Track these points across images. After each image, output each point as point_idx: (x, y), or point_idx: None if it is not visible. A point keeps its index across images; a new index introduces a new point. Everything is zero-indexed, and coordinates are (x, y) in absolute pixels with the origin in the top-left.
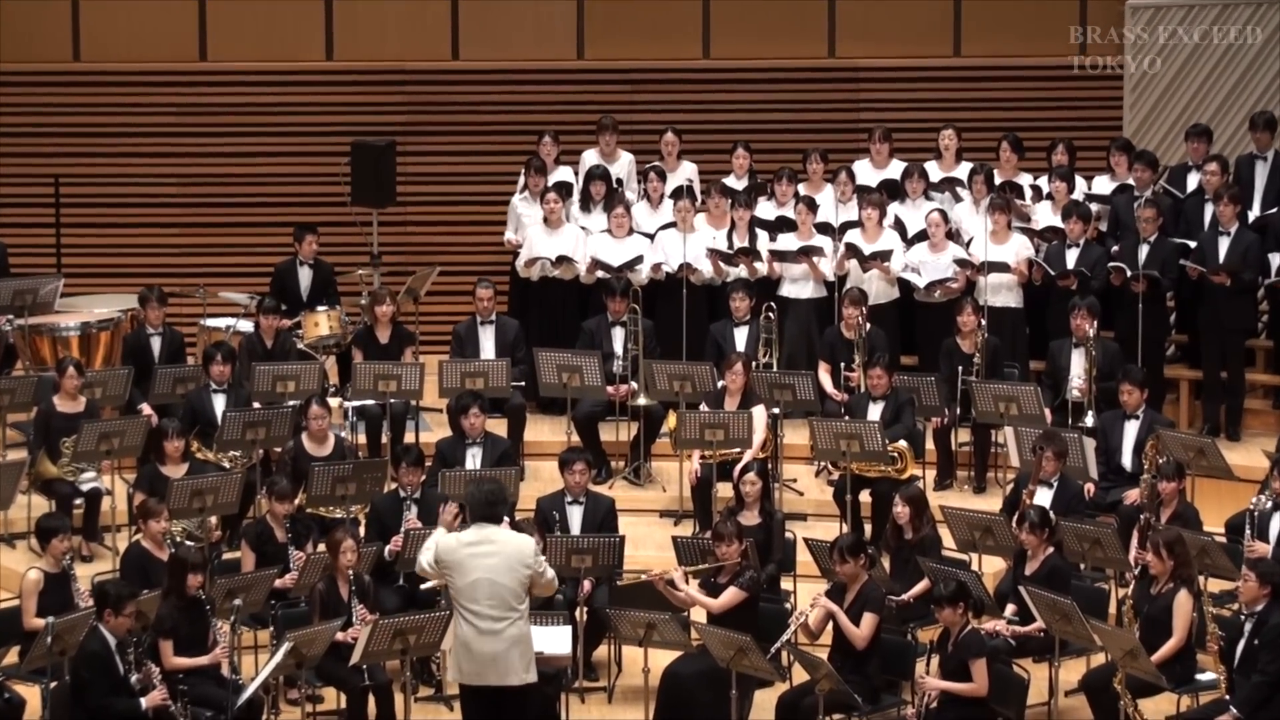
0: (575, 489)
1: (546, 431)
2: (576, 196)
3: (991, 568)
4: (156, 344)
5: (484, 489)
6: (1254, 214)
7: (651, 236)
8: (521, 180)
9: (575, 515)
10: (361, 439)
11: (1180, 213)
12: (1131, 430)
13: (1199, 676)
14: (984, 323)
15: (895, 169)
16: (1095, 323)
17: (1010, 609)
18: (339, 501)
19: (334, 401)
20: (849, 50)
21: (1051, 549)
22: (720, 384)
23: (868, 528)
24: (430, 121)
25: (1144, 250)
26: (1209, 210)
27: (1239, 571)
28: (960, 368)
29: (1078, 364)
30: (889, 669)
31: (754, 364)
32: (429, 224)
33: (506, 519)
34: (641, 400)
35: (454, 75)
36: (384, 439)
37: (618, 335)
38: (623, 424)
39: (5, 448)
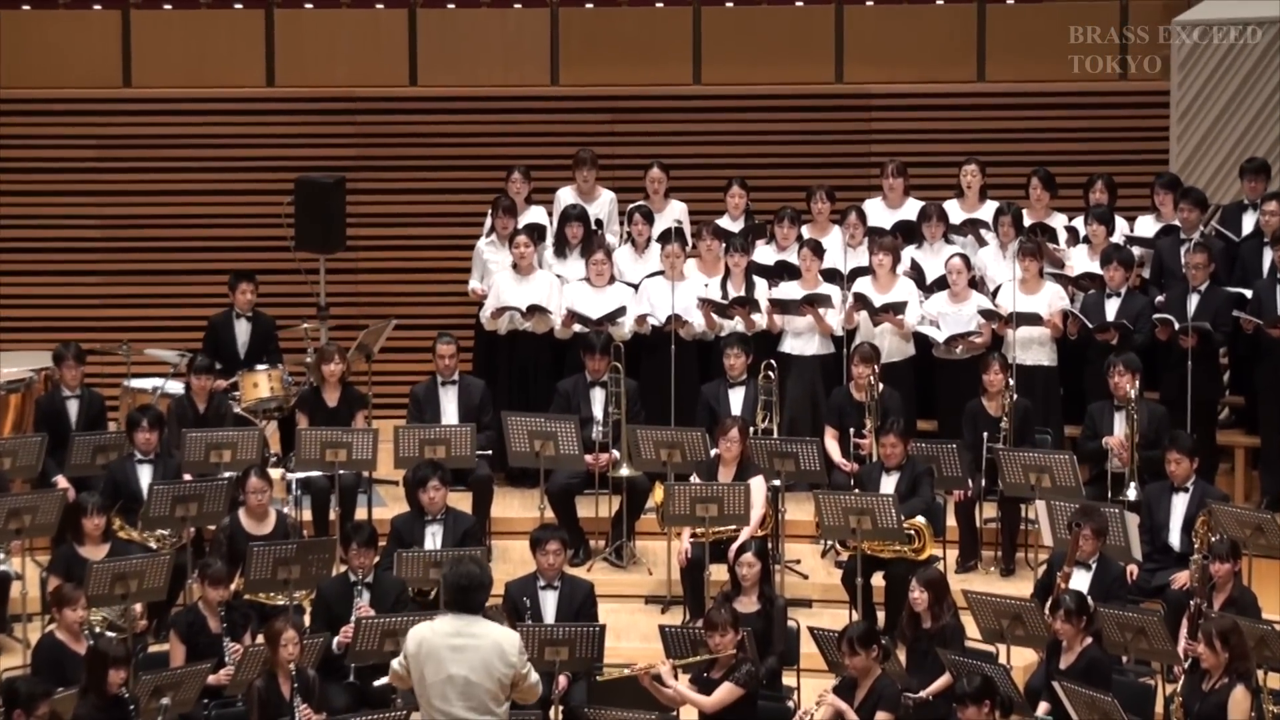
0: (549, 572)
1: (516, 507)
2: (550, 240)
3: (1021, 661)
4: (74, 408)
5: (461, 570)
6: None
7: (635, 285)
8: (488, 222)
9: (549, 602)
10: (307, 515)
11: (1235, 258)
12: (1180, 504)
13: None
14: (1012, 382)
15: (911, 209)
16: (1138, 382)
17: (1043, 708)
18: (281, 587)
19: (275, 473)
20: (859, 74)
21: (1090, 639)
22: (713, 452)
23: (881, 615)
24: (384, 155)
25: (1193, 300)
26: (1267, 255)
27: None
28: (985, 434)
29: (1119, 429)
30: None
31: (752, 430)
32: (383, 271)
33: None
34: (624, 471)
35: (411, 103)
36: (332, 515)
37: (597, 397)
38: (603, 498)
39: None
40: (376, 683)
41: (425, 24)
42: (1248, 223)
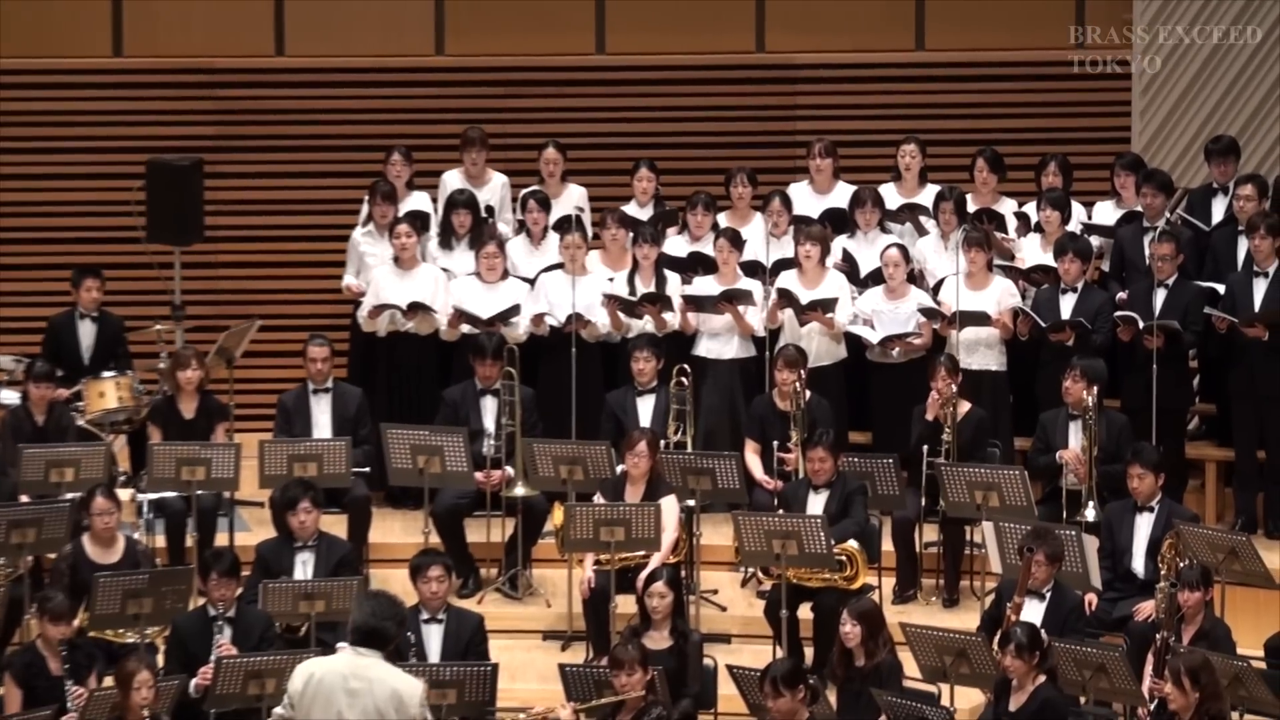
0: (432, 603)
1: (398, 531)
2: (435, 230)
3: (967, 702)
4: None
5: (369, 605)
6: None
7: (531, 281)
8: (365, 210)
9: (434, 637)
10: (160, 541)
11: (1205, 249)
12: (1144, 526)
13: None
14: (954, 387)
15: (842, 194)
16: (1097, 389)
17: None
18: (131, 622)
19: (124, 494)
20: (782, 43)
21: (1043, 677)
22: (619, 469)
23: (809, 652)
24: (247, 135)
25: (1159, 296)
26: (1242, 245)
27: None
28: (926, 446)
29: (1075, 441)
30: None
31: (663, 443)
32: (246, 265)
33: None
34: (519, 490)
35: (277, 76)
36: (189, 541)
37: (488, 407)
38: (495, 521)
39: None
40: None
41: None
42: (1217, 209)
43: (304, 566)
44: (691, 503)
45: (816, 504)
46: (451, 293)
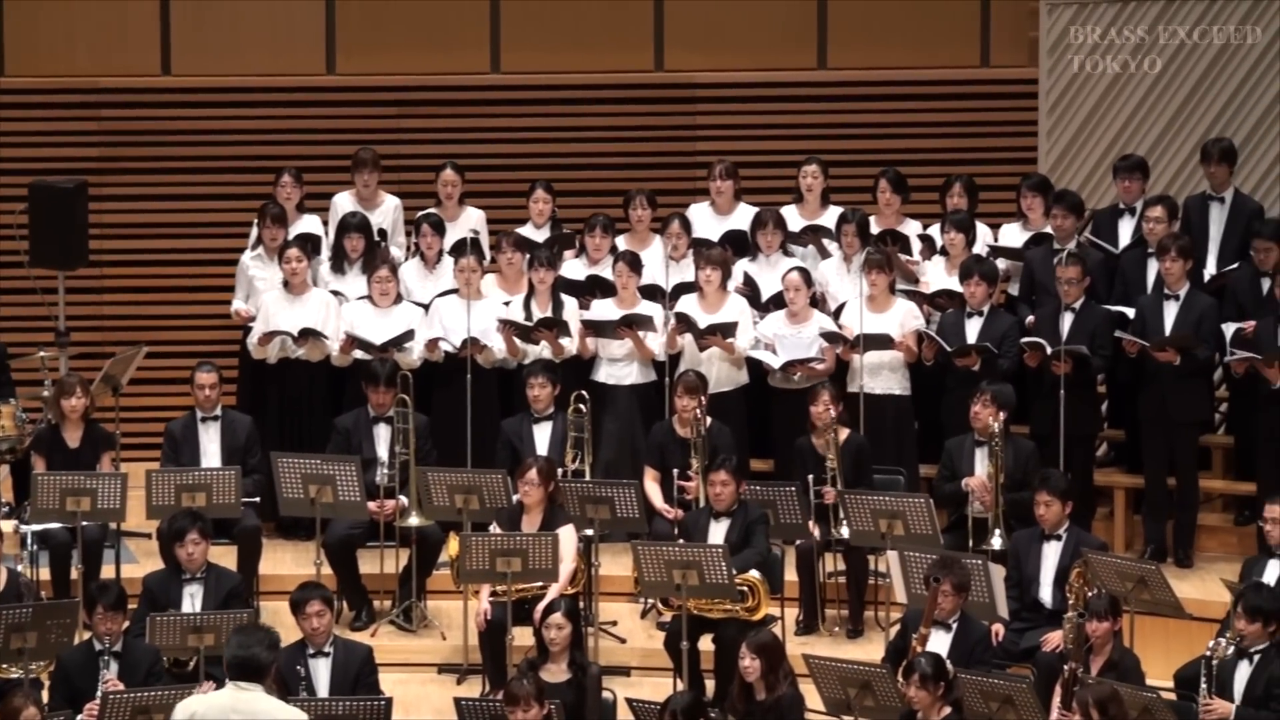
0: (316, 638)
1: (289, 562)
2: (326, 253)
3: None
4: None
5: (237, 637)
6: (1209, 271)
7: (425, 305)
8: (254, 233)
9: (321, 670)
10: (44, 574)
11: (1114, 271)
12: (1051, 554)
13: None
14: (843, 415)
15: (743, 216)
16: (1005, 415)
17: None
18: (14, 657)
19: (7, 525)
20: (682, 62)
21: (949, 709)
22: (516, 498)
23: (709, 684)
24: (133, 156)
25: (1067, 320)
26: (1151, 267)
27: None
28: (811, 475)
29: (981, 468)
30: None
31: (560, 471)
32: (132, 290)
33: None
34: (413, 520)
35: (164, 96)
36: (74, 574)
37: (382, 435)
38: (389, 551)
39: None
40: None
41: (180, 4)
42: (1124, 231)
43: (192, 599)
44: (590, 532)
45: (718, 533)
46: (344, 318)
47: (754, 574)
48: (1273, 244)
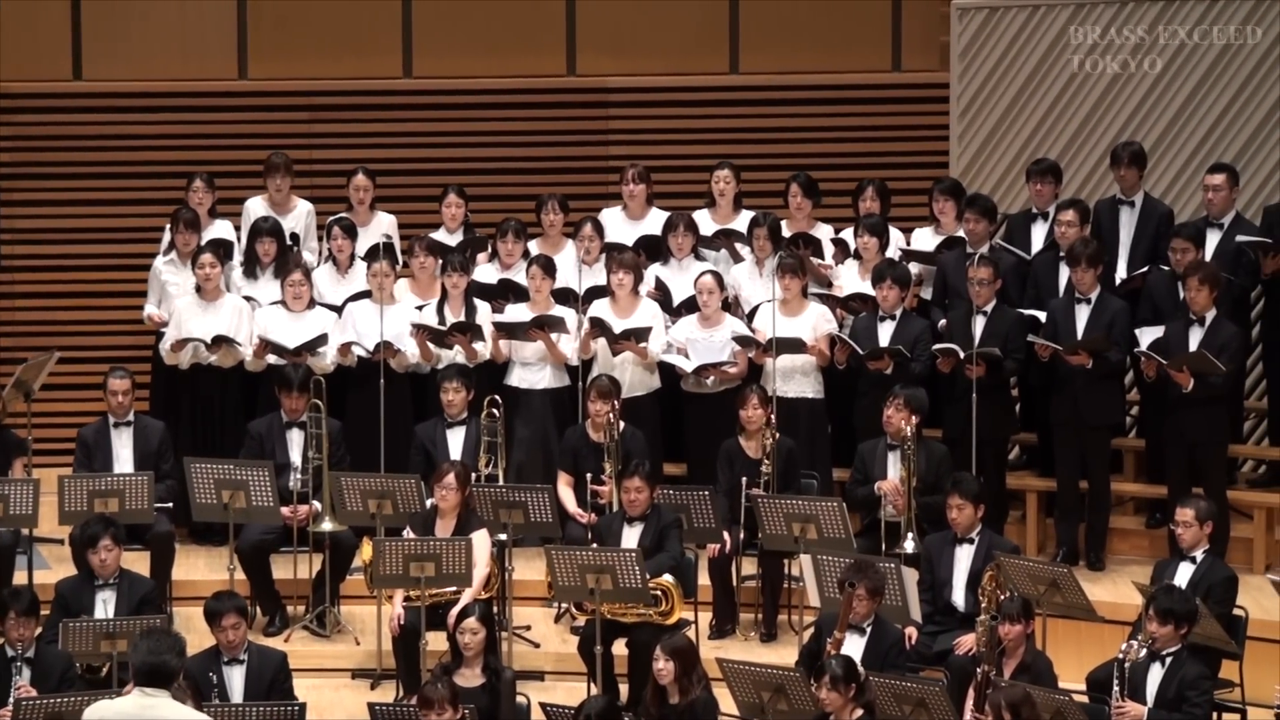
0: (230, 647)
1: (202, 568)
2: (239, 258)
3: None
4: None
5: (145, 643)
6: (1120, 275)
7: (338, 309)
8: (166, 238)
9: (235, 677)
10: None
11: (1026, 275)
12: (964, 558)
13: None
14: (773, 419)
15: (655, 220)
16: (916, 419)
17: None
18: None
19: None
20: (594, 65)
21: (861, 711)
22: (429, 503)
23: (623, 689)
24: (44, 161)
25: (979, 323)
26: (1063, 271)
27: None
28: (745, 479)
29: (893, 471)
30: None
31: (474, 476)
32: (44, 296)
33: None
34: (327, 525)
35: (74, 100)
36: None
37: (295, 440)
38: (303, 557)
39: None
40: None
41: (90, 9)
42: (1037, 235)
43: (105, 605)
44: (503, 537)
45: (631, 537)
46: (257, 322)
47: (667, 578)
48: (1190, 245)
